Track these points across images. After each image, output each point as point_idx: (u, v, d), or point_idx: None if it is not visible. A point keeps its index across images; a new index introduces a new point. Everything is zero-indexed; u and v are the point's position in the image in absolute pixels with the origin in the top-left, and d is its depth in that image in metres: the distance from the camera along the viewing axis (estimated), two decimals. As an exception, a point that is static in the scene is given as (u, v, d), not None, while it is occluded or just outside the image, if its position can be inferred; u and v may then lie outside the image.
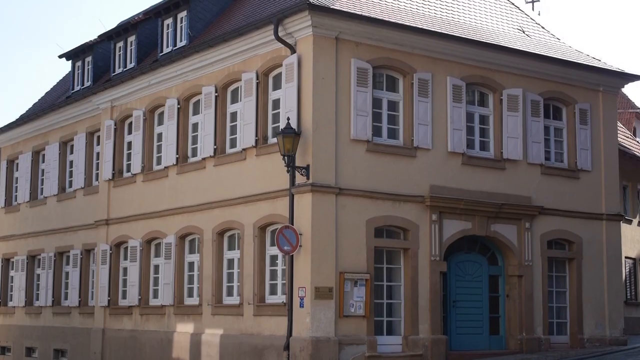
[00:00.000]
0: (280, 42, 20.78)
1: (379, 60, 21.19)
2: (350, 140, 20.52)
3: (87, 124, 29.64)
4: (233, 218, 22.36)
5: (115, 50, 28.57)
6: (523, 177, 23.19)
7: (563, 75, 24.18)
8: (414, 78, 21.61)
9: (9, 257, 33.89)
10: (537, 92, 23.66)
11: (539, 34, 25.77)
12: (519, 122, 23.14)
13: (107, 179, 27.38)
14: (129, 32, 27.96)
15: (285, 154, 19.96)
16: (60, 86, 35.22)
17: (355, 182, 20.50)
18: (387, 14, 21.53)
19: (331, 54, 20.46)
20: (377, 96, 21.25)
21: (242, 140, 22.29)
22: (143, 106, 26.16)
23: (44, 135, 32.19)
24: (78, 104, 29.68)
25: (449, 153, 22.00)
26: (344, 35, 20.63)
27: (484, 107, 23.12)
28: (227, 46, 22.61)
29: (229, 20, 24.61)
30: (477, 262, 22.84)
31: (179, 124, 24.52)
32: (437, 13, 23.38)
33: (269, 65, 21.67)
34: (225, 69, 23.07)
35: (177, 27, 25.57)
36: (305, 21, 20.20)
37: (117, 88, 27.08)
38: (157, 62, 25.32)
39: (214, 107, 23.23)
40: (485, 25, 24.30)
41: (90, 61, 30.25)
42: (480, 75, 22.83)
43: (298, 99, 20.42)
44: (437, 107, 21.90)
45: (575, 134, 24.35)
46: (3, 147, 35.10)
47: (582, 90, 24.62)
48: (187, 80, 24.41)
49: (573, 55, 25.10)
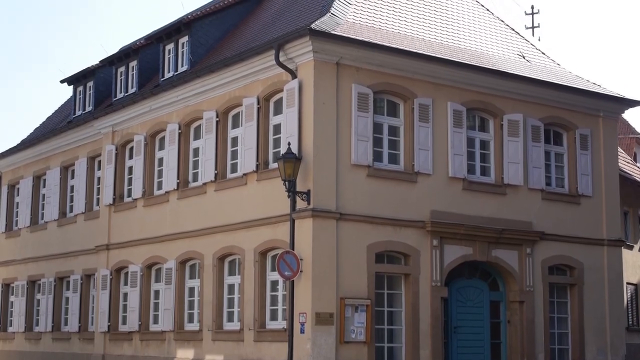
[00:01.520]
0: (281, 67, 20.83)
1: (380, 85, 21.24)
2: (351, 165, 20.53)
3: (88, 149, 29.67)
4: (234, 243, 22.32)
5: (117, 75, 28.64)
6: (524, 203, 23.17)
7: (563, 100, 24.22)
8: (415, 103, 21.65)
9: (9, 283, 33.81)
10: (537, 118, 23.69)
11: (540, 60, 25.84)
12: (519, 147, 23.16)
13: (107, 203, 27.36)
14: (130, 57, 28.05)
15: (286, 179, 19.95)
16: (61, 111, 35.29)
17: (356, 207, 20.48)
18: (387, 40, 21.60)
19: (332, 79, 20.51)
20: (377, 121, 21.28)
21: (243, 165, 22.29)
22: (144, 131, 26.19)
23: (45, 160, 32.22)
24: (79, 128, 29.74)
25: (450, 178, 22.00)
26: (345, 61, 20.69)
27: (484, 133, 23.14)
28: (228, 71, 22.67)
29: (230, 46, 24.69)
30: (478, 288, 22.77)
31: (180, 148, 24.54)
32: (437, 38, 23.46)
33: (270, 90, 21.72)
34: (226, 94, 23.12)
35: (179, 52, 25.66)
36: (306, 46, 20.27)
37: (119, 113, 27.13)
38: (159, 87, 25.39)
39: (215, 132, 23.26)
40: (486, 51, 24.37)
41: (92, 86, 30.33)
42: (481, 101, 22.87)
43: (299, 124, 20.44)
44: (438, 132, 21.92)
45: (575, 160, 24.35)
46: (4, 172, 35.12)
47: (583, 116, 24.65)
48: (188, 105, 24.46)
49: (573, 80, 25.15)
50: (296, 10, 23.70)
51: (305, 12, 22.81)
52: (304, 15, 22.60)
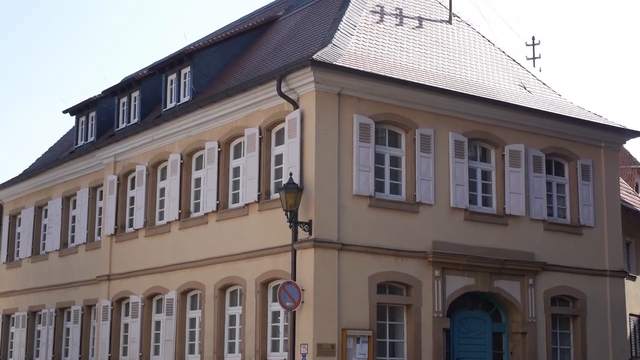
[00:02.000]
0: (283, 97, 20.89)
1: (381, 115, 21.28)
2: (352, 196, 20.51)
3: (90, 179, 29.69)
4: (235, 274, 22.26)
5: (119, 105, 28.71)
6: (526, 233, 23.12)
7: (565, 131, 24.25)
8: (416, 134, 21.68)
9: (9, 313, 33.71)
10: (539, 148, 23.71)
11: (541, 90, 25.90)
12: (521, 177, 23.15)
13: (109, 234, 27.33)
14: (133, 88, 28.13)
15: (288, 210, 19.94)
16: (63, 141, 35.36)
17: (357, 238, 20.44)
18: (389, 70, 21.67)
19: (334, 109, 20.55)
20: (379, 151, 21.29)
21: (245, 196, 22.29)
22: (146, 161, 26.22)
23: (47, 190, 32.23)
24: (81, 159, 29.78)
25: (452, 209, 21.97)
26: (347, 91, 20.74)
27: (486, 163, 23.15)
28: (230, 102, 22.73)
29: (232, 76, 24.77)
30: (480, 319, 22.67)
31: (182, 179, 24.55)
32: (438, 70, 23.53)
33: (272, 120, 21.76)
34: (228, 125, 23.16)
35: (181, 83, 25.73)
36: (308, 77, 20.33)
37: (121, 143, 27.18)
38: (161, 118, 25.45)
39: (217, 162, 23.28)
40: (487, 82, 24.44)
41: (94, 116, 30.42)
42: (482, 131, 22.90)
43: (300, 154, 20.46)
44: (440, 162, 21.93)
45: (577, 190, 24.33)
46: (6, 202, 35.13)
47: (584, 146, 24.66)
48: (190, 136, 24.50)
49: (574, 111, 25.19)
50: (298, 41, 23.81)
51: (307, 43, 22.92)
52: (305, 46, 22.70)
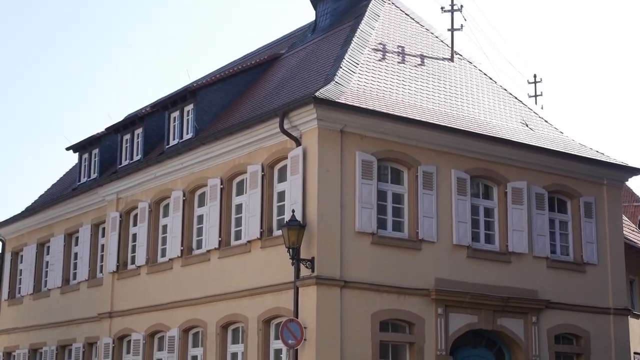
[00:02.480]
0: (285, 134, 20.94)
1: (384, 152, 21.31)
2: (355, 233, 20.49)
3: (92, 216, 29.70)
4: (237, 311, 22.17)
5: (122, 142, 28.78)
6: (529, 271, 23.05)
7: (567, 168, 24.27)
8: (419, 171, 21.70)
9: (10, 351, 33.54)
10: (541, 185, 23.71)
11: (543, 128, 25.94)
12: (523, 215, 23.13)
13: (111, 271, 27.28)
14: (136, 125, 28.22)
15: (290, 247, 19.91)
16: (66, 178, 35.42)
17: (360, 275, 20.38)
18: (391, 108, 21.73)
19: (336, 146, 20.59)
20: (382, 189, 21.30)
21: (247, 233, 22.27)
22: (149, 198, 26.24)
23: (49, 227, 32.22)
24: (84, 195, 29.80)
25: (454, 246, 21.93)
26: (349, 128, 20.79)
27: (488, 200, 23.14)
28: (233, 139, 22.78)
29: (235, 113, 24.85)
30: (483, 357, 22.53)
31: (184, 216, 24.54)
32: (441, 107, 23.59)
33: (275, 157, 21.79)
34: (230, 162, 23.20)
35: (184, 120, 25.80)
36: (311, 114, 20.39)
37: (123, 180, 27.22)
38: (164, 155, 25.49)
39: (219, 199, 23.29)
40: (489, 119, 24.49)
41: (97, 153, 30.46)
42: (485, 169, 22.91)
43: (303, 191, 20.47)
44: (442, 199, 21.92)
45: (580, 227, 24.30)
46: (8, 239, 35.12)
47: (587, 184, 24.66)
48: (192, 173, 24.53)
49: (577, 148, 25.22)
50: (300, 79, 23.91)
51: (310, 80, 23.01)
52: (308, 83, 22.80)
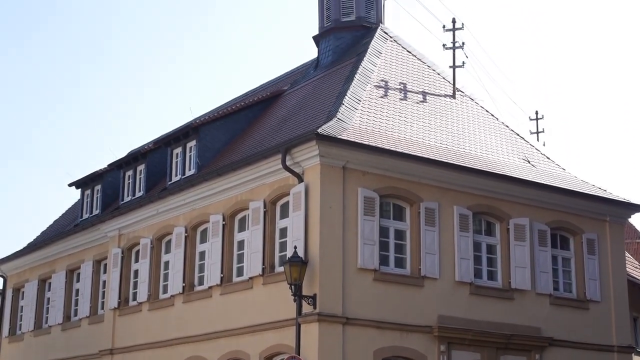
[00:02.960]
0: (287, 171, 20.96)
1: (386, 189, 21.31)
2: (357, 269, 20.44)
3: (94, 252, 29.65)
4: (239, 348, 22.06)
5: (125, 178, 28.81)
6: (532, 308, 22.95)
7: (569, 205, 24.25)
8: (421, 207, 21.68)
9: (11, 388, 33.38)
10: (544, 222, 23.68)
11: (545, 164, 25.96)
12: (526, 251, 23.07)
13: (112, 307, 27.18)
14: (138, 161, 28.26)
15: (292, 283, 19.85)
16: (68, 214, 35.42)
17: (362, 312, 20.30)
18: (393, 144, 21.77)
19: (338, 183, 20.60)
20: (384, 225, 21.27)
21: (249, 269, 22.21)
22: (151, 234, 26.21)
23: (51, 264, 32.16)
24: (86, 232, 29.78)
25: (457, 282, 21.86)
26: (351, 165, 20.82)
27: (491, 237, 23.10)
28: (235, 175, 22.80)
29: (238, 149, 24.89)
30: (486, 395, 22.37)
31: (186, 252, 24.50)
32: (443, 143, 23.63)
33: (277, 194, 21.80)
34: (233, 198, 23.20)
35: (186, 156, 25.84)
36: (313, 151, 20.43)
37: (126, 216, 27.21)
38: (166, 191, 25.51)
39: (221, 235, 23.26)
40: (491, 156, 24.52)
41: (100, 189, 30.49)
42: (487, 205, 22.90)
43: (305, 228, 20.45)
44: (444, 236, 21.89)
45: (583, 264, 24.22)
46: (9, 275, 35.05)
47: (589, 220, 24.63)
48: (195, 209, 24.53)
49: (579, 185, 25.22)
50: (303, 115, 23.98)
51: (312, 116, 23.08)
52: (310, 119, 22.86)
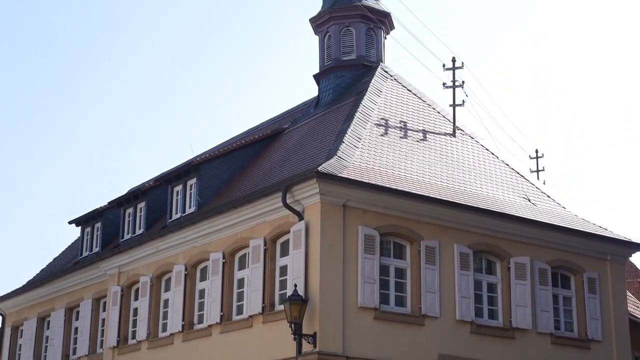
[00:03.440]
0: (288, 209, 20.97)
1: (386, 227, 21.31)
2: (357, 308, 20.37)
3: (93, 290, 29.56)
4: (238, 387, 21.95)
5: (125, 216, 28.80)
6: (533, 347, 22.83)
7: (570, 243, 24.21)
8: (421, 245, 21.66)
9: None
10: (544, 261, 23.64)
11: (545, 203, 25.95)
12: (527, 290, 23.00)
13: (111, 345, 27.05)
14: (139, 199, 28.27)
15: (292, 322, 19.79)
16: (68, 252, 35.34)
17: (363, 351, 20.20)
18: (394, 182, 21.80)
19: (339, 221, 20.60)
20: (384, 263, 21.24)
21: (249, 307, 22.13)
22: (150, 272, 26.16)
23: (50, 302, 32.03)
24: (86, 269, 29.71)
25: (457, 321, 21.78)
26: (352, 203, 20.83)
27: (491, 275, 23.05)
28: (235, 213, 22.80)
29: (238, 187, 24.92)
30: None
31: (186, 290, 24.43)
32: (443, 182, 23.65)
33: (277, 232, 21.79)
34: (233, 236, 23.18)
35: (187, 194, 25.85)
36: (313, 189, 20.45)
37: (125, 254, 27.17)
38: (166, 229, 25.49)
39: (221, 273, 23.21)
40: (492, 194, 24.53)
41: (100, 227, 30.44)
42: (487, 243, 22.88)
43: (305, 266, 20.41)
44: (445, 274, 21.85)
45: (584, 303, 24.14)
46: (8, 313, 34.89)
47: (590, 259, 24.58)
48: (195, 247, 24.50)
49: (579, 223, 25.20)
50: (303, 153, 24.03)
51: (313, 155, 23.13)
52: (311, 158, 22.91)
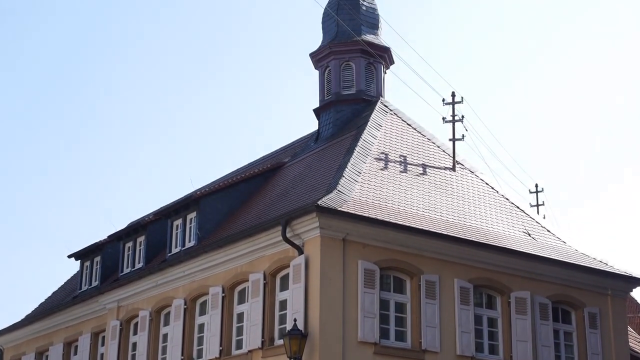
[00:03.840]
0: (288, 243, 20.94)
1: (386, 261, 21.27)
2: (357, 343, 20.28)
3: (92, 324, 29.44)
4: (237, 422, 21.80)
5: (124, 250, 28.75)
6: (534, 382, 22.73)
7: (570, 278, 24.15)
8: (422, 280, 21.61)
9: None
10: (545, 295, 23.56)
11: (545, 237, 25.91)
12: (527, 325, 22.91)
13: (110, 380, 26.92)
14: (138, 233, 28.24)
15: (292, 356, 19.70)
16: (67, 286, 35.25)
17: (362, 386, 20.11)
18: (393, 217, 21.79)
19: (338, 255, 20.57)
20: (384, 298, 21.18)
21: (249, 342, 22.03)
22: (150, 306, 26.06)
23: (49, 336, 31.89)
24: (84, 304, 29.61)
25: (458, 356, 21.66)
26: (351, 237, 20.81)
27: (492, 310, 22.97)
28: (235, 247, 22.77)
29: (238, 221, 24.90)
30: None
31: (185, 324, 24.33)
32: (443, 216, 23.64)
33: (277, 266, 21.74)
34: (232, 270, 23.13)
35: (186, 228, 25.82)
36: (313, 223, 20.43)
37: (125, 288, 27.09)
38: (165, 262, 25.44)
39: (221, 307, 23.13)
40: (492, 228, 24.50)
41: (99, 261, 30.37)
42: (488, 278, 22.82)
43: (305, 300, 20.35)
44: (445, 309, 21.77)
45: (585, 338, 24.03)
46: (6, 347, 34.73)
47: (591, 294, 24.50)
48: (194, 281, 24.43)
49: (580, 258, 25.14)
50: (303, 187, 24.04)
51: (313, 189, 23.13)
52: (310, 191, 22.91)
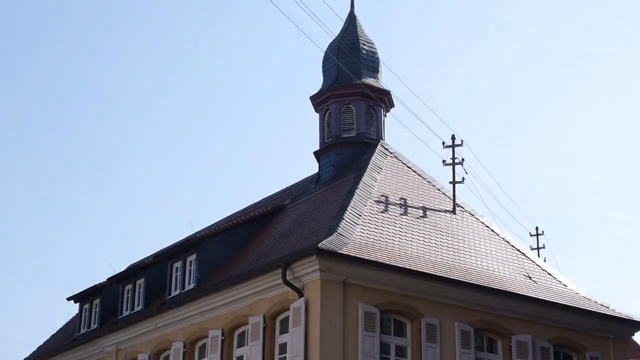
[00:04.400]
0: (288, 285, 20.88)
1: (387, 304, 21.18)
2: (357, 386, 20.15)
3: (91, 368, 29.26)
4: None
5: (124, 292, 28.62)
6: None
7: (572, 322, 24.02)
8: (422, 323, 21.50)
9: None
10: (546, 339, 23.42)
11: (546, 280, 25.81)
12: (529, 369, 22.77)
13: None
14: (138, 275, 28.13)
15: (291, 400, 19.55)
16: (66, 329, 35.05)
17: None
18: (394, 259, 21.73)
19: (339, 298, 20.49)
20: (384, 341, 21.06)
21: (248, 385, 21.89)
22: (149, 349, 25.91)
23: (47, 379, 31.68)
24: (83, 346, 29.44)
25: (459, 401, 21.52)
26: (352, 280, 20.74)
27: (493, 354, 22.82)
28: (234, 290, 22.69)
29: (238, 264, 24.81)
30: None
31: (184, 368, 24.20)
32: (443, 259, 23.57)
33: (276, 309, 21.65)
34: (232, 312, 23.03)
35: (186, 271, 25.71)
36: (313, 265, 20.38)
37: (124, 331, 26.95)
38: (165, 305, 25.33)
39: (220, 351, 23.00)
40: (492, 272, 24.42)
41: (98, 304, 30.22)
42: (489, 321, 22.71)
43: (305, 343, 20.24)
44: (446, 352, 21.63)
45: (587, 383, 23.88)
46: (4, 391, 34.53)
47: (592, 338, 24.35)
48: (193, 324, 24.31)
49: (581, 302, 25.02)
50: (303, 230, 23.99)
51: (313, 231, 23.08)
52: (311, 234, 22.85)
